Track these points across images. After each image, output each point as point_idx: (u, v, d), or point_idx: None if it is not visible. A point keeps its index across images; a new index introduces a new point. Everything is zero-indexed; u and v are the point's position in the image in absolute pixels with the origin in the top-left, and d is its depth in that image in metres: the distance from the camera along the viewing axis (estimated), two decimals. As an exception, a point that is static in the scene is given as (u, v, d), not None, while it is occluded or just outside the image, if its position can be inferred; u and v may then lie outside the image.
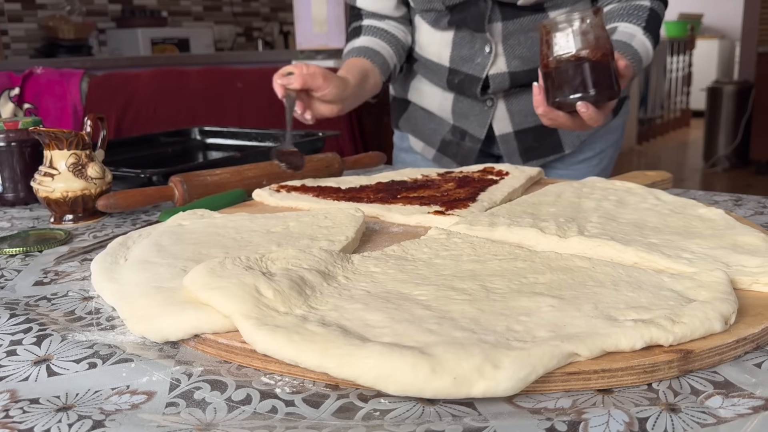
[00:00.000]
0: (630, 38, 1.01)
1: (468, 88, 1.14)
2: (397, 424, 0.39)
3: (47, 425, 0.40)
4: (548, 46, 0.85)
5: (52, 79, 2.37)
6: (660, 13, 1.06)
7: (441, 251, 0.62)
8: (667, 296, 0.50)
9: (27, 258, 0.73)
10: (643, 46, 1.02)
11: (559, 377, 0.42)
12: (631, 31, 1.02)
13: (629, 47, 1.00)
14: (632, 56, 0.99)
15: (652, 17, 1.04)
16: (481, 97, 1.14)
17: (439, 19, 1.13)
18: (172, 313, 0.49)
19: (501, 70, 1.11)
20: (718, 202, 0.90)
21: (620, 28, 1.03)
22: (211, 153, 1.44)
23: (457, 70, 1.15)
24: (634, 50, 1.00)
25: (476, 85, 1.13)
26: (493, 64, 1.11)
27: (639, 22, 1.03)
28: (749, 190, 4.62)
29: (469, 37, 1.11)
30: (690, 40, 7.12)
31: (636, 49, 1.00)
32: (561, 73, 0.85)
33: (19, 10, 4.14)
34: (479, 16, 1.08)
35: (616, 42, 1.01)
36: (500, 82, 1.12)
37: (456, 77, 1.15)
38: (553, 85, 0.86)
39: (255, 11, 5.23)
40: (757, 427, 0.38)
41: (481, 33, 1.09)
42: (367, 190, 0.91)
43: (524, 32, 1.09)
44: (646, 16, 1.03)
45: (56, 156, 0.87)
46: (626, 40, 1.01)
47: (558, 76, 0.85)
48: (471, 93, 1.14)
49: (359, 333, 0.45)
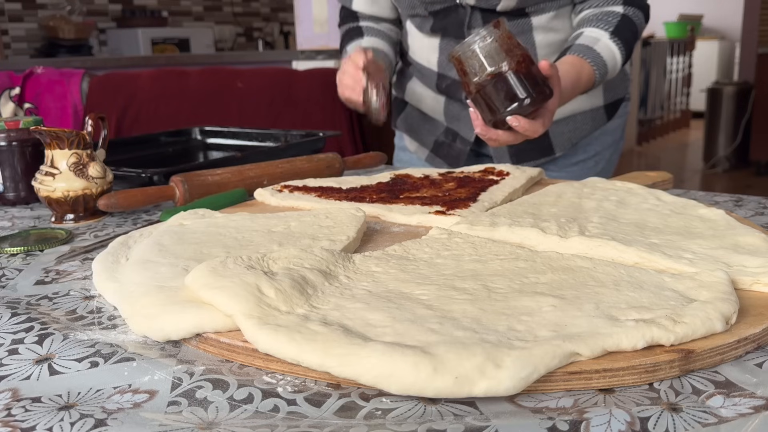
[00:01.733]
0: (593, 42, 0.99)
1: (456, 92, 1.15)
2: (399, 423, 0.39)
3: (49, 424, 0.40)
4: (464, 73, 0.85)
5: (53, 79, 2.37)
6: (634, 20, 1.04)
7: (442, 251, 0.62)
8: (668, 296, 0.50)
9: (28, 257, 0.73)
10: (608, 50, 1.00)
11: (560, 377, 0.42)
12: (596, 35, 1.00)
13: (591, 51, 0.98)
14: (593, 60, 0.98)
15: (624, 23, 1.02)
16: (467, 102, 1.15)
17: (424, 24, 1.13)
18: (173, 312, 0.49)
19: None
20: (718, 203, 0.90)
21: (585, 33, 1.02)
22: (212, 153, 1.44)
23: (445, 75, 1.15)
24: (596, 53, 0.98)
25: (461, 90, 1.13)
26: None
27: (606, 27, 1.01)
28: (749, 190, 4.62)
29: (454, 43, 1.12)
30: (690, 41, 7.12)
31: (598, 52, 0.99)
32: (484, 95, 0.84)
33: (19, 10, 4.14)
34: (459, 23, 1.08)
35: (578, 46, 0.99)
36: None
37: (444, 82, 1.16)
38: (482, 107, 0.85)
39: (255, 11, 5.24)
40: (758, 426, 0.38)
41: (462, 39, 1.09)
42: (369, 190, 0.91)
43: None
44: (615, 22, 1.01)
45: (57, 155, 0.87)
46: (589, 44, 0.99)
47: (483, 99, 0.84)
48: (457, 97, 1.15)
49: (361, 332, 0.45)
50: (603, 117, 1.21)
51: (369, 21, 1.23)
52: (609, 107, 1.21)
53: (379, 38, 1.21)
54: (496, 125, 0.87)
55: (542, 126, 0.87)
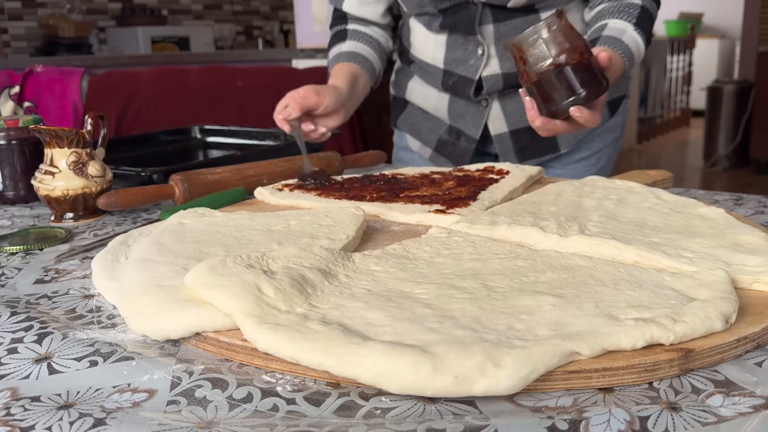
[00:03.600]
0: (621, 33, 1.01)
1: (462, 89, 1.14)
2: (398, 422, 0.39)
3: (48, 423, 0.40)
4: (524, 61, 0.85)
5: (53, 78, 2.36)
6: (652, 12, 1.06)
7: (442, 250, 0.62)
8: (668, 295, 0.50)
9: (27, 256, 0.73)
10: (634, 41, 1.01)
11: (560, 376, 0.42)
12: (622, 27, 1.02)
13: (620, 42, 1.00)
14: (623, 51, 0.99)
15: (644, 15, 1.04)
16: (475, 99, 1.15)
17: (432, 21, 1.13)
18: (173, 311, 0.49)
19: (494, 71, 1.11)
20: (718, 202, 0.90)
21: (610, 24, 1.03)
22: (212, 151, 1.44)
23: (451, 72, 1.15)
24: (625, 45, 1.00)
25: (470, 87, 1.13)
26: (486, 66, 1.11)
27: (630, 19, 1.03)
28: (749, 189, 4.61)
29: (462, 40, 1.12)
30: (690, 40, 7.11)
31: (627, 44, 1.00)
32: (545, 83, 0.84)
33: (19, 9, 4.14)
34: (470, 19, 1.08)
35: (607, 38, 1.00)
36: (494, 83, 1.12)
37: (450, 79, 1.15)
38: (542, 96, 0.86)
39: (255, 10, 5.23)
40: (757, 425, 0.38)
41: (473, 35, 1.09)
42: (369, 189, 0.91)
43: (516, 34, 1.09)
44: (636, 13, 1.03)
45: (57, 154, 0.87)
46: (617, 35, 1.01)
47: (543, 88, 0.85)
48: (465, 94, 1.15)
49: (360, 331, 0.45)
50: (606, 114, 1.21)
51: (357, 23, 1.23)
52: (611, 104, 1.21)
53: (363, 42, 1.21)
54: (554, 115, 0.87)
55: (600, 116, 0.88)
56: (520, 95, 0.90)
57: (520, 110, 1.16)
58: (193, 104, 2.43)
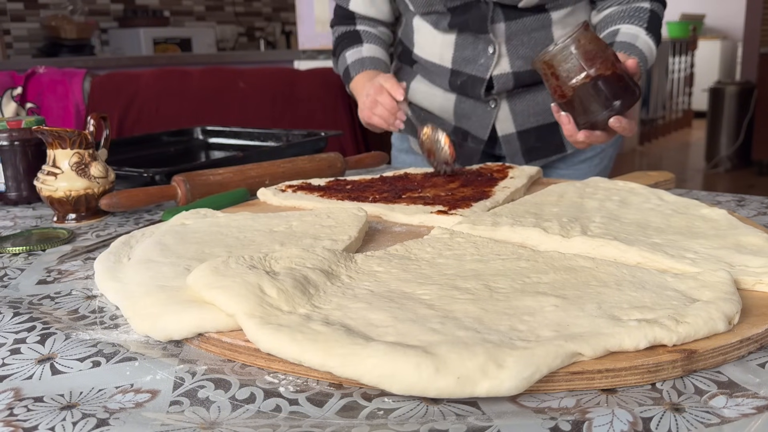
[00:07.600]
0: (634, 39, 1.02)
1: (471, 89, 1.14)
2: (401, 423, 0.39)
3: (51, 423, 0.40)
4: (556, 77, 0.84)
5: (55, 79, 2.37)
6: (659, 14, 1.08)
7: (444, 251, 0.62)
8: (670, 296, 0.50)
9: (30, 257, 0.73)
10: (647, 45, 1.03)
11: (562, 377, 0.42)
12: (634, 32, 1.03)
13: (634, 48, 1.01)
14: (638, 56, 1.00)
15: (653, 18, 1.06)
16: (484, 98, 1.14)
17: (440, 20, 1.13)
18: (175, 311, 0.49)
19: (505, 70, 1.11)
20: (721, 203, 0.90)
21: (622, 29, 1.04)
22: (214, 152, 1.44)
23: (459, 72, 1.14)
24: (639, 50, 1.02)
25: (480, 86, 1.13)
26: (496, 65, 1.11)
27: (641, 24, 1.04)
28: (751, 190, 4.61)
29: (472, 39, 1.11)
30: (692, 41, 7.11)
31: (641, 49, 1.02)
32: (582, 97, 0.84)
33: (21, 10, 4.15)
34: (481, 18, 1.08)
35: (621, 43, 1.02)
36: (504, 82, 1.12)
37: (458, 78, 1.15)
38: (581, 109, 0.86)
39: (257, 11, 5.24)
40: (760, 427, 0.38)
41: (484, 34, 1.09)
42: (371, 190, 0.91)
43: (527, 33, 1.09)
44: (647, 18, 1.05)
45: (59, 155, 0.87)
46: (630, 41, 1.02)
47: (580, 101, 0.84)
48: (474, 94, 1.14)
49: (363, 332, 0.45)
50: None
51: (365, 24, 1.22)
52: None
53: (378, 45, 1.21)
54: (593, 127, 0.87)
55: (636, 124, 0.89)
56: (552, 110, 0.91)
57: (528, 110, 1.16)
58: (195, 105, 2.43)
